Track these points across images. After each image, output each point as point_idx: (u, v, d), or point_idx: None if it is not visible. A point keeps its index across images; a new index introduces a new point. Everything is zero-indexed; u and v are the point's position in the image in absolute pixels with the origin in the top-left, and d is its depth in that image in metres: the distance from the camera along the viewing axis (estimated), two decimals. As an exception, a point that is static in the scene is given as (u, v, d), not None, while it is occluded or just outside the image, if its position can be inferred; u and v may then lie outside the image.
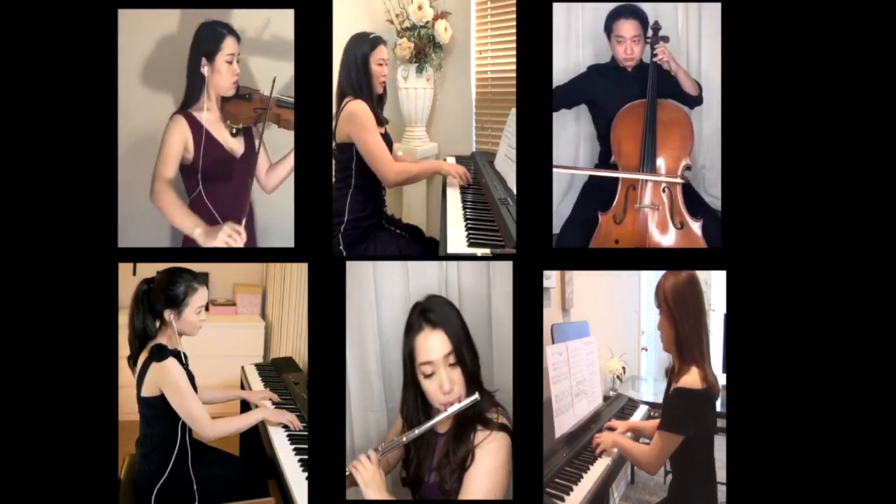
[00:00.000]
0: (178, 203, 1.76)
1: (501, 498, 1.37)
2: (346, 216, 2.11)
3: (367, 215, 2.15)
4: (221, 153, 1.87)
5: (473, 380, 1.42)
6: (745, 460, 1.57)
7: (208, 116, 1.86)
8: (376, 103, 2.20)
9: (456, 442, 1.38)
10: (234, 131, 1.90)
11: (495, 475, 1.35)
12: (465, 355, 1.41)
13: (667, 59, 1.86)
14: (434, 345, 1.38)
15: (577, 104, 1.97)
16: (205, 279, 1.75)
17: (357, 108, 2.10)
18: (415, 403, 1.44)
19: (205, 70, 1.83)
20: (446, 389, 1.38)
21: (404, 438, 1.41)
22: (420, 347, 1.39)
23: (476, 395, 1.38)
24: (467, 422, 1.39)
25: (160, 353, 1.64)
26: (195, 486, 1.65)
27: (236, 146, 1.91)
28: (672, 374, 1.59)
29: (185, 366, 1.70)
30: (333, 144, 2.09)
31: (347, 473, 1.41)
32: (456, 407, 1.38)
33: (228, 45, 1.83)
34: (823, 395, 1.56)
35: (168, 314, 1.69)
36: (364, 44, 2.18)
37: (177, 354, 1.68)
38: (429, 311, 1.41)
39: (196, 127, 1.83)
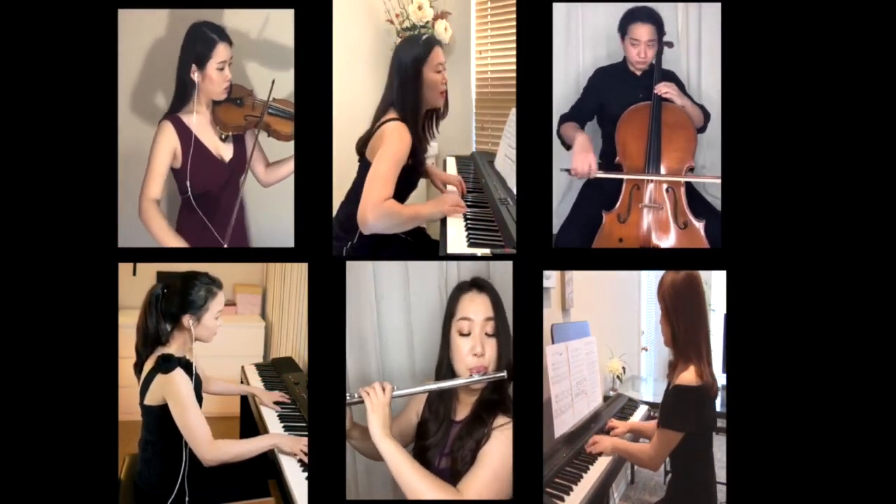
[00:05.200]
0: (163, 226, 1.74)
1: (509, 485, 1.35)
2: (356, 239, 1.85)
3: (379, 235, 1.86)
4: (209, 158, 1.83)
5: (506, 363, 1.41)
6: (745, 460, 1.57)
7: (198, 120, 1.81)
8: (424, 125, 1.90)
9: (475, 424, 1.38)
10: (223, 136, 1.86)
11: (508, 460, 1.34)
12: (503, 335, 1.40)
13: (672, 95, 1.85)
14: (477, 306, 1.40)
15: (592, 117, 1.95)
16: (221, 284, 1.71)
17: (391, 131, 1.78)
18: (445, 367, 1.44)
19: (195, 76, 1.77)
20: (478, 352, 1.38)
21: (420, 388, 1.42)
22: (462, 305, 1.41)
23: (504, 374, 1.38)
24: (490, 406, 1.39)
25: (167, 365, 1.59)
26: (195, 489, 1.64)
27: (225, 151, 1.86)
28: (671, 368, 1.61)
29: (193, 374, 1.64)
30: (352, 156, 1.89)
31: (357, 397, 1.39)
32: (480, 376, 1.37)
33: (220, 52, 1.76)
34: (823, 394, 1.56)
35: (187, 320, 1.64)
36: (414, 47, 1.85)
37: (185, 364, 1.63)
38: (478, 280, 1.44)
39: (184, 132, 1.79)
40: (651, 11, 1.86)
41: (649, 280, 2.53)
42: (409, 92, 1.82)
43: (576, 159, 1.81)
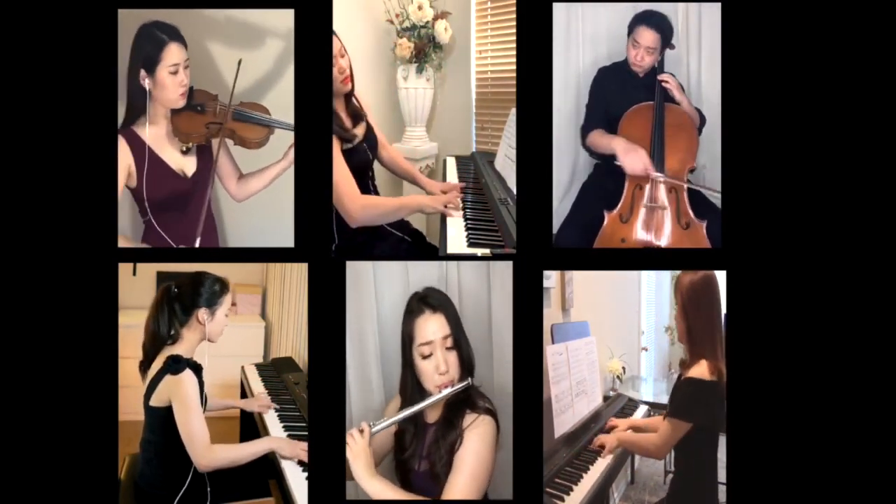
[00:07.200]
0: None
1: (486, 480, 1.39)
2: (337, 240, 1.90)
3: (361, 230, 1.92)
4: (168, 174, 1.70)
5: (468, 367, 1.46)
6: (745, 460, 1.57)
7: (154, 132, 1.68)
8: (346, 105, 1.95)
9: (446, 427, 1.42)
10: (184, 149, 1.71)
11: (483, 457, 1.38)
12: (462, 342, 1.45)
13: (672, 86, 1.85)
14: (433, 327, 1.43)
15: (603, 117, 1.92)
16: (228, 284, 1.71)
17: None
18: (411, 385, 1.47)
19: (146, 83, 1.64)
20: (442, 370, 1.42)
21: (396, 417, 1.44)
22: (420, 329, 1.43)
23: (469, 381, 1.43)
24: (457, 407, 1.43)
25: (176, 366, 1.59)
26: (196, 488, 1.64)
27: (187, 165, 1.73)
28: (683, 365, 1.62)
29: (201, 378, 1.64)
30: None
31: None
32: (449, 390, 1.42)
33: (171, 53, 1.62)
34: (824, 394, 1.56)
35: (203, 314, 1.64)
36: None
37: (194, 366, 1.62)
38: (428, 297, 1.46)
39: (138, 147, 1.66)
40: (662, 19, 1.84)
41: (649, 280, 2.53)
42: None
43: (626, 160, 1.79)
